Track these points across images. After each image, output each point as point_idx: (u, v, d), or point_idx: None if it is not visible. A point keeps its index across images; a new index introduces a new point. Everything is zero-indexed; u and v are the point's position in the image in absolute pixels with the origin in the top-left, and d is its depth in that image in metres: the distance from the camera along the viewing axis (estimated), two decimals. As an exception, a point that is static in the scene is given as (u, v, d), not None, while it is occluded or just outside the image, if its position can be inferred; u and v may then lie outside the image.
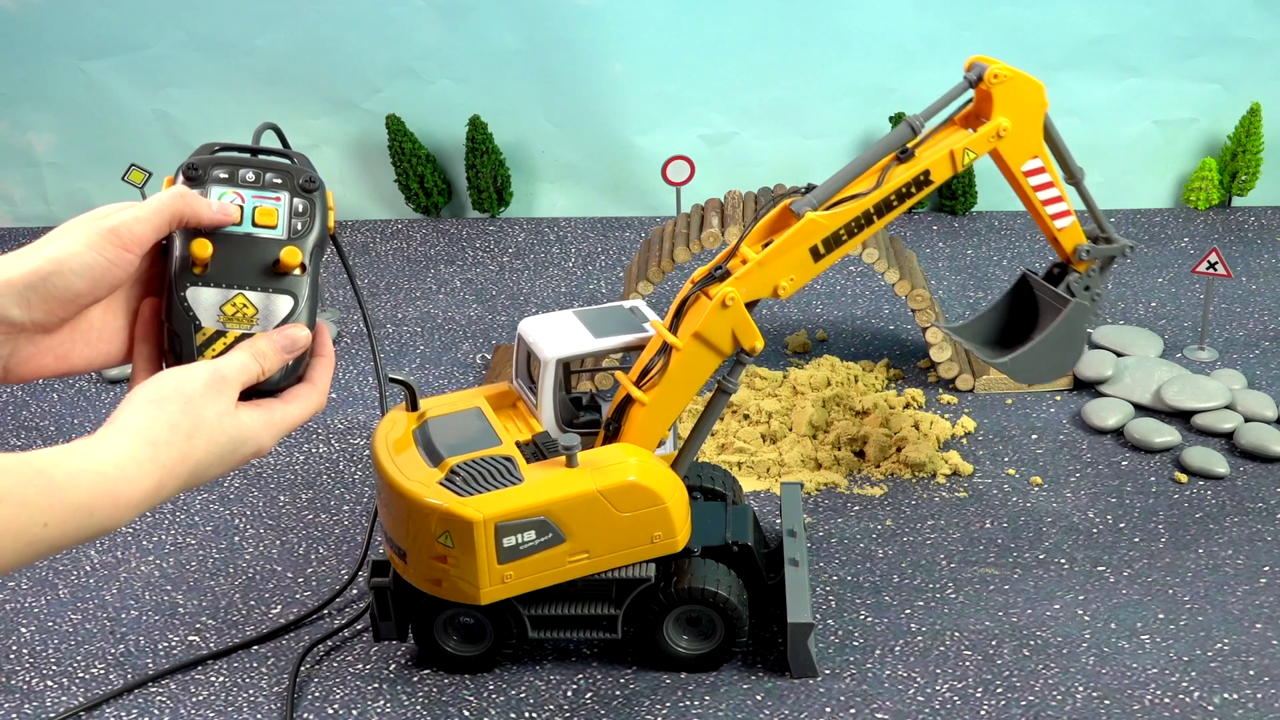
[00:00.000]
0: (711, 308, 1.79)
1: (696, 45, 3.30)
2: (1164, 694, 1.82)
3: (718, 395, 1.87)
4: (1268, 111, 3.22)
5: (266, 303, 1.09)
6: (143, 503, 0.96)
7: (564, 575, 1.78)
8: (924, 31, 3.26)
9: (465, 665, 1.90)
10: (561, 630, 1.87)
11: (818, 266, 1.87)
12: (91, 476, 0.92)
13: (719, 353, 1.83)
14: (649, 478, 1.76)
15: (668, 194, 3.31)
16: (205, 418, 1.00)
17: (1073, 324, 2.13)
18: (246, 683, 1.93)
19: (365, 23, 3.31)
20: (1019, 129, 1.94)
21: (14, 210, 3.58)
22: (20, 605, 2.11)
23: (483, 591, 1.74)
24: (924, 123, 1.92)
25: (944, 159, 1.91)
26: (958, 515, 2.22)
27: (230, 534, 2.26)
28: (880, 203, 1.88)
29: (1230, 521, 2.17)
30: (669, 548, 1.80)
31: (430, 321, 2.94)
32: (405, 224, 3.44)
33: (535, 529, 1.72)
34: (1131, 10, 3.21)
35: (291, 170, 1.13)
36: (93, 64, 3.39)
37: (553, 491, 1.72)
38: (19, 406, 2.69)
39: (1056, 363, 2.16)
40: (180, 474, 0.98)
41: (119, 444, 0.95)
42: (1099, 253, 2.12)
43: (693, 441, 1.87)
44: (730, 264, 1.84)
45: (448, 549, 1.72)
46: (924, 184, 1.91)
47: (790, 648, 1.85)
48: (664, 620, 1.85)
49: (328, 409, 2.61)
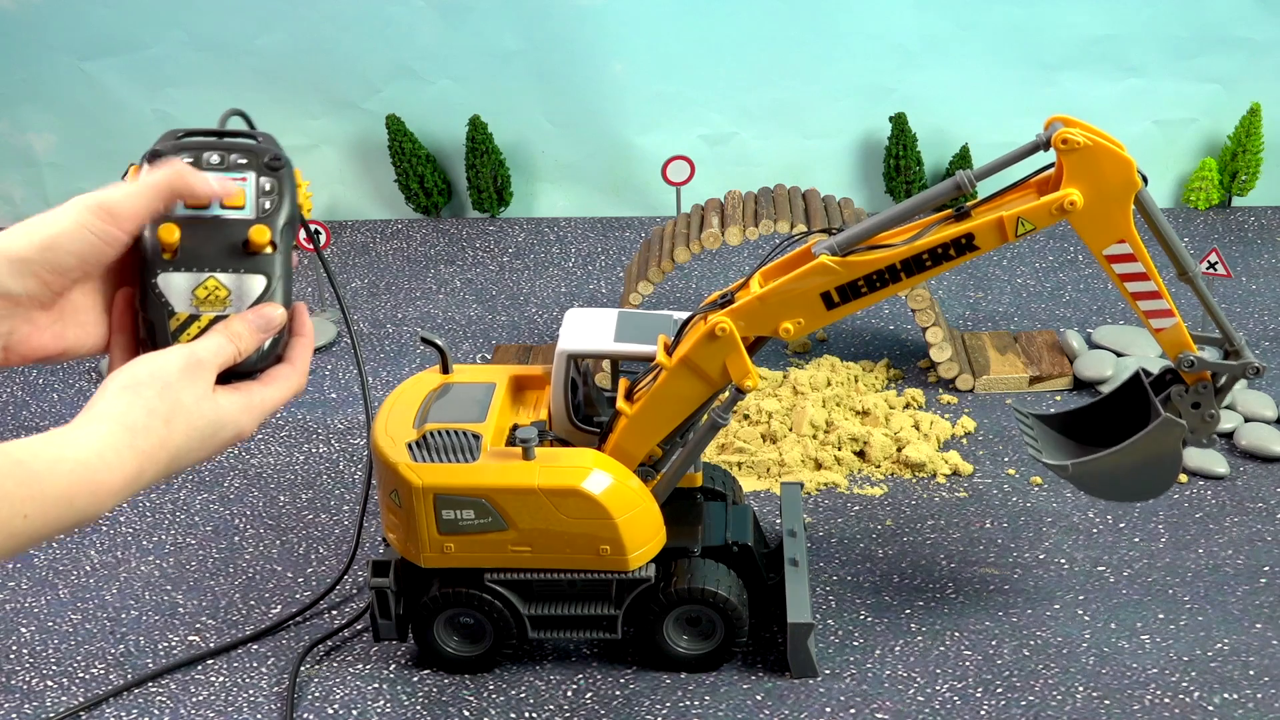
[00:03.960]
0: (701, 334, 1.71)
1: (696, 45, 3.29)
2: (1164, 694, 1.82)
3: (705, 427, 1.79)
4: (1268, 111, 3.22)
5: (239, 283, 1.08)
6: (123, 490, 0.95)
7: (507, 561, 1.80)
8: (924, 31, 3.26)
9: (465, 665, 1.91)
10: (561, 630, 1.87)
11: (830, 314, 1.71)
12: (71, 465, 0.91)
13: (708, 381, 1.74)
14: (602, 490, 1.74)
15: (668, 194, 3.30)
16: (183, 402, 0.98)
17: (1160, 443, 1.79)
18: (246, 683, 1.93)
19: (365, 23, 3.31)
20: (1095, 206, 1.65)
21: (14, 210, 3.58)
22: (20, 605, 2.11)
23: (423, 555, 1.79)
24: (975, 182, 1.68)
25: (992, 225, 1.66)
26: (958, 515, 2.22)
27: (230, 534, 2.26)
28: (911, 259, 1.67)
29: (1230, 521, 2.17)
30: (616, 564, 1.78)
31: (430, 321, 2.94)
32: (405, 224, 3.44)
33: (474, 509, 1.75)
34: (1131, 10, 3.21)
35: (256, 150, 1.12)
36: (93, 64, 3.39)
37: (495, 478, 1.74)
38: (19, 406, 2.69)
39: (1137, 485, 1.86)
40: (160, 460, 0.97)
41: (96, 431, 0.94)
42: (1210, 367, 1.78)
43: (676, 468, 1.82)
44: (738, 294, 1.73)
45: (397, 506, 1.78)
46: (966, 248, 1.67)
47: (790, 648, 1.85)
48: (664, 620, 1.85)
49: (328, 409, 2.61)
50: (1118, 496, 1.93)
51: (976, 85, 3.28)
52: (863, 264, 1.67)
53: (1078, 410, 1.97)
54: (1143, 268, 1.72)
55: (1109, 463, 1.82)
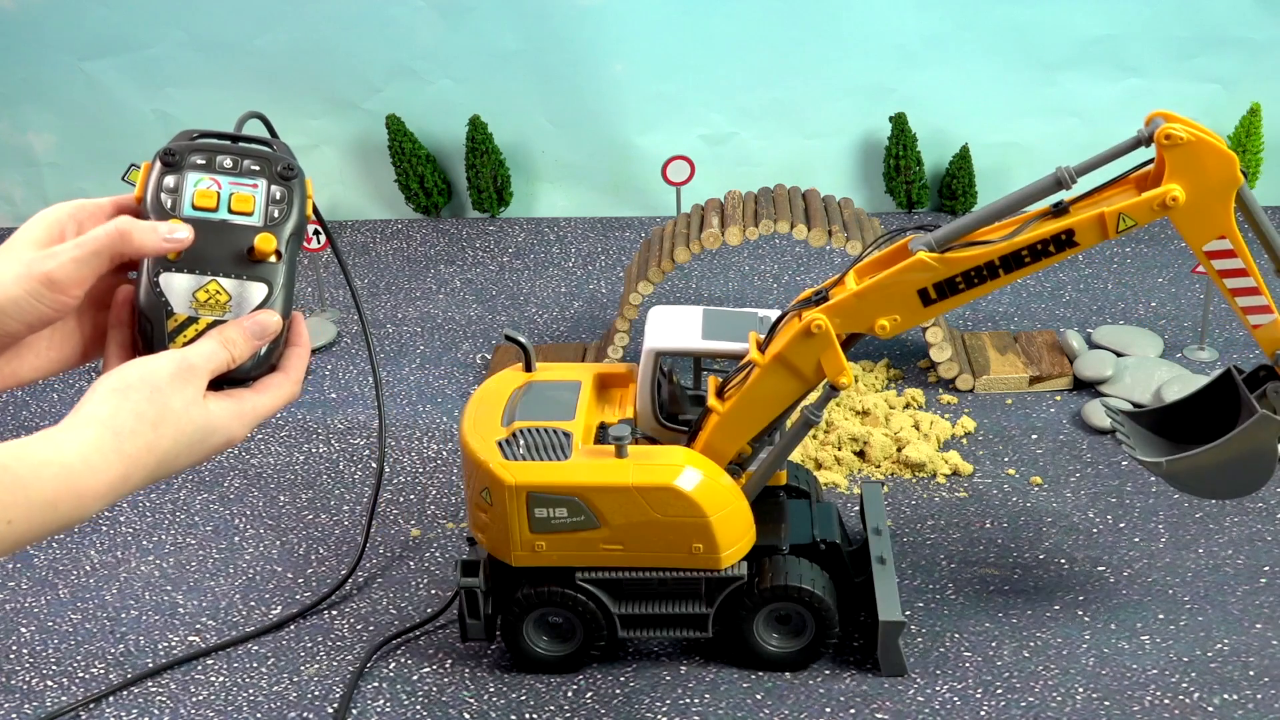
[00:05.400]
0: (796, 331, 1.70)
1: (696, 45, 3.29)
2: (1164, 695, 1.82)
3: (798, 425, 1.78)
4: (1268, 111, 3.22)
5: (240, 289, 1.08)
6: (108, 494, 0.94)
7: (598, 560, 1.79)
8: (924, 31, 3.25)
9: (554, 665, 1.89)
10: (651, 629, 1.86)
11: (926, 311, 1.69)
12: (55, 470, 0.91)
13: (801, 378, 1.73)
14: (695, 487, 1.73)
15: (668, 194, 3.30)
16: (172, 407, 0.98)
17: (1255, 440, 1.78)
18: (246, 682, 1.93)
19: (365, 23, 3.31)
20: (1197, 202, 1.65)
21: (14, 210, 3.58)
22: (20, 605, 2.11)
23: (514, 554, 1.78)
24: (1075, 176, 1.67)
25: (1093, 221, 1.65)
26: (958, 515, 2.22)
27: (230, 534, 2.26)
28: (1009, 255, 1.66)
29: (1230, 521, 2.17)
30: (709, 563, 1.78)
31: (430, 321, 2.94)
32: (405, 224, 3.44)
33: (567, 507, 1.74)
34: (1131, 10, 3.21)
35: (270, 158, 1.12)
36: (93, 64, 3.39)
37: (590, 476, 1.73)
38: (19, 406, 2.69)
39: (1233, 482, 1.84)
40: (147, 464, 0.97)
41: (83, 435, 0.94)
42: None
43: (767, 466, 1.82)
44: (833, 290, 1.72)
45: (487, 505, 1.77)
46: (1066, 245, 1.66)
47: (881, 646, 1.84)
48: (755, 618, 1.84)
49: (328, 409, 2.61)
50: (1211, 494, 1.91)
51: (976, 85, 3.28)
52: (961, 260, 1.66)
53: (1167, 407, 1.96)
54: (1242, 264, 1.71)
55: (1204, 460, 1.80)
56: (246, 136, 1.14)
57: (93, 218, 1.08)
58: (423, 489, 2.35)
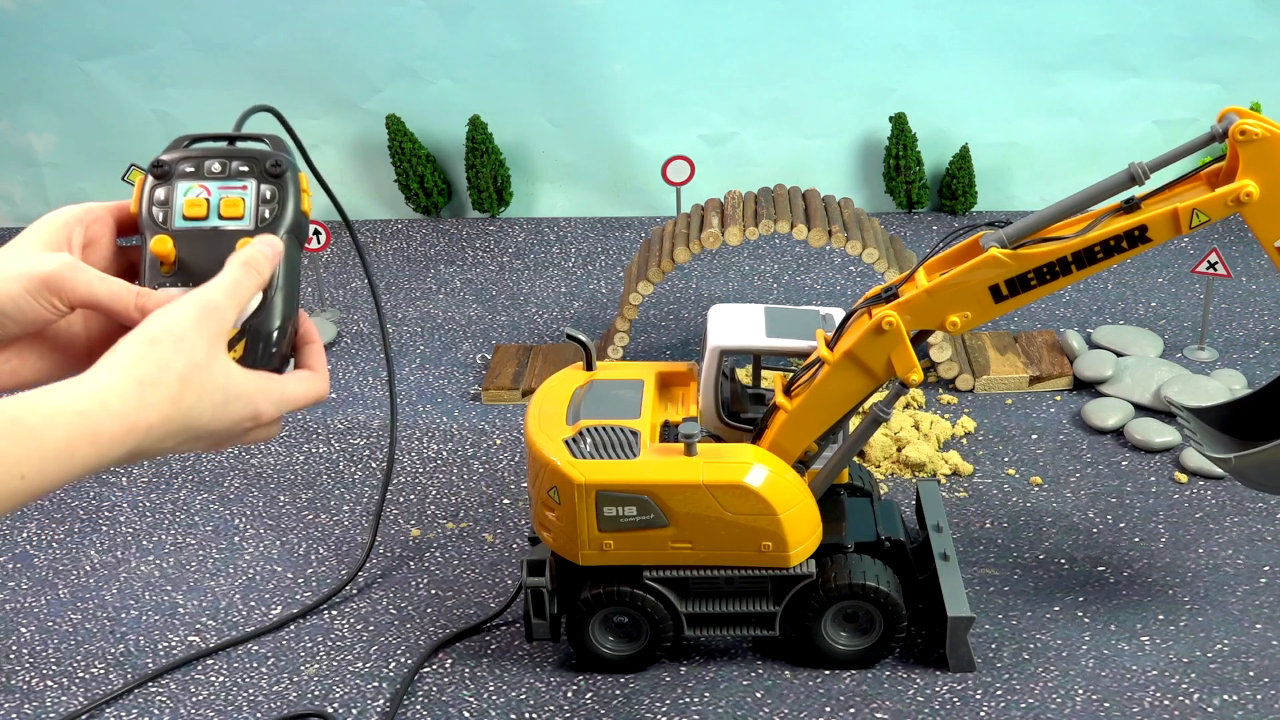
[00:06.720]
0: (867, 328, 1.69)
1: (696, 45, 3.29)
2: (1164, 696, 1.82)
3: (867, 421, 1.77)
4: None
5: None
6: (126, 438, 0.91)
7: (666, 559, 1.78)
8: (924, 31, 3.26)
9: (620, 665, 1.89)
10: (718, 628, 1.86)
11: (998, 308, 1.70)
12: (69, 417, 0.88)
13: (871, 375, 1.73)
14: (765, 484, 1.73)
15: (668, 194, 3.30)
16: (197, 358, 0.95)
17: None
18: (246, 682, 1.93)
19: (365, 23, 3.31)
20: (1272, 198, 1.64)
21: (14, 210, 3.58)
22: (20, 605, 2.11)
23: (582, 553, 1.77)
24: (1149, 172, 1.68)
25: (1166, 217, 1.65)
26: (958, 515, 2.22)
27: (230, 534, 2.26)
28: (1082, 251, 1.66)
29: (1230, 521, 2.17)
30: (778, 561, 1.78)
31: (430, 321, 2.94)
32: (405, 224, 3.44)
33: (637, 506, 1.73)
34: (1131, 10, 3.21)
35: (259, 156, 1.09)
36: (93, 64, 3.39)
37: (660, 474, 1.73)
38: (19, 406, 2.68)
39: None
40: (171, 418, 0.93)
41: (102, 379, 0.91)
42: None
43: (834, 464, 1.81)
44: (902, 287, 1.72)
45: (555, 504, 1.76)
46: (1139, 240, 1.66)
47: (950, 642, 1.84)
48: (823, 617, 1.84)
49: (328, 409, 2.61)
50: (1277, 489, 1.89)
51: (976, 85, 3.28)
52: (1034, 256, 1.66)
53: (1232, 403, 1.97)
54: None
55: (1273, 455, 1.79)
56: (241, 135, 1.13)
57: (99, 222, 1.08)
58: (423, 489, 2.35)
